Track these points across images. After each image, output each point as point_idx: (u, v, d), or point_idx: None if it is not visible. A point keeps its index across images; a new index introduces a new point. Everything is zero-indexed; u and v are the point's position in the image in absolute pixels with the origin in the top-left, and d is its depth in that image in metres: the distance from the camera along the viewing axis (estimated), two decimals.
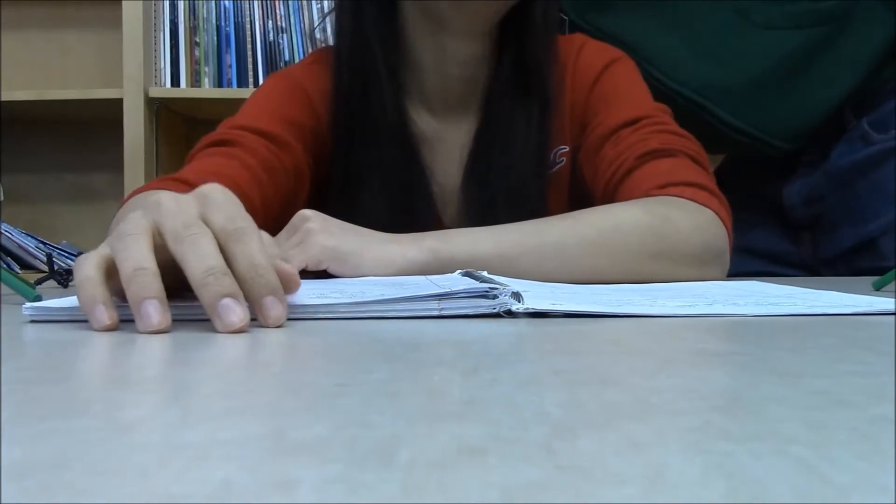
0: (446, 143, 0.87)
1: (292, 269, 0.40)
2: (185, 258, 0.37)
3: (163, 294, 0.36)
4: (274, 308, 0.37)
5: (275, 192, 0.79)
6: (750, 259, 0.96)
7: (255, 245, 0.38)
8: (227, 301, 0.35)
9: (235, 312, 0.35)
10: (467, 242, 0.65)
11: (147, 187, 0.74)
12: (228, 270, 0.37)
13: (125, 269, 0.36)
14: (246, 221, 0.39)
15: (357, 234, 0.65)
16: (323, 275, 0.63)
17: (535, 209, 0.82)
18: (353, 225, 0.67)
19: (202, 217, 0.39)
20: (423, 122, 0.87)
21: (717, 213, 0.73)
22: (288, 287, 0.39)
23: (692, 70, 0.97)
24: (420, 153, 0.86)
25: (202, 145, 0.80)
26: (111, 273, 0.38)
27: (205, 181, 0.43)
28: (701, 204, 0.72)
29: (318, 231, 0.64)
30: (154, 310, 0.35)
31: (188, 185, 0.69)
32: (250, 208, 0.42)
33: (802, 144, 1.01)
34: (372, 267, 0.62)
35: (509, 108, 0.84)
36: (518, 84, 0.84)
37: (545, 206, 0.85)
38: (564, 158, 0.88)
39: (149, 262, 0.36)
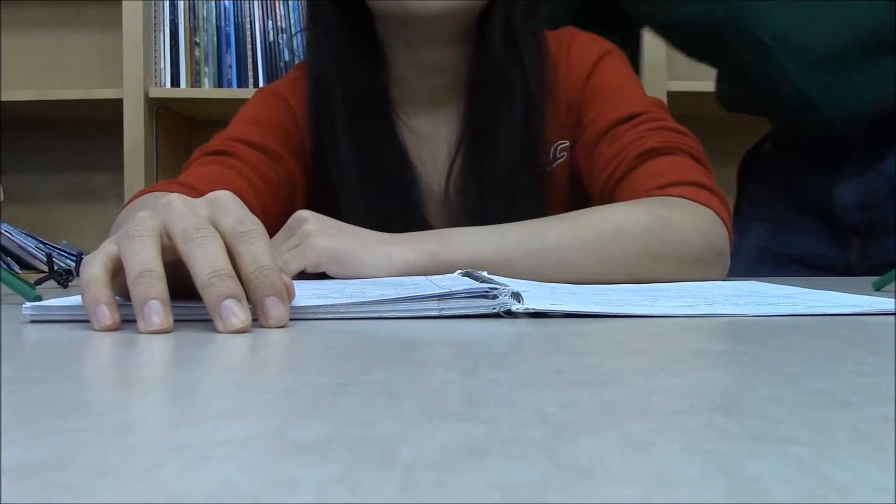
0: (434, 139, 0.87)
1: (289, 279, 0.40)
2: (192, 259, 0.37)
3: (166, 296, 0.36)
4: (275, 309, 0.37)
5: (273, 203, 0.80)
6: (788, 264, 0.88)
7: (262, 246, 0.38)
8: (228, 302, 0.36)
9: (236, 314, 0.35)
10: (468, 245, 0.65)
11: (153, 189, 0.74)
12: (234, 273, 0.37)
13: (132, 271, 0.36)
14: (255, 224, 0.39)
15: (355, 236, 0.65)
16: (321, 277, 0.63)
17: (527, 206, 0.81)
18: (350, 225, 0.67)
19: (211, 220, 0.39)
20: (410, 121, 0.87)
21: (717, 213, 0.73)
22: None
23: (774, 14, 0.87)
24: (407, 151, 0.86)
25: (198, 154, 0.81)
26: (117, 272, 0.38)
27: (209, 187, 0.43)
28: (702, 204, 0.72)
29: (315, 233, 0.63)
30: (156, 311, 0.35)
31: (194, 190, 0.70)
32: None
33: (857, 135, 0.91)
34: (371, 269, 0.62)
35: (490, 106, 0.84)
36: (500, 82, 0.84)
37: (539, 202, 0.85)
38: (565, 153, 0.88)
39: (155, 265, 0.37)
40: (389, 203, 0.84)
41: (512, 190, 0.83)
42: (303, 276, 0.63)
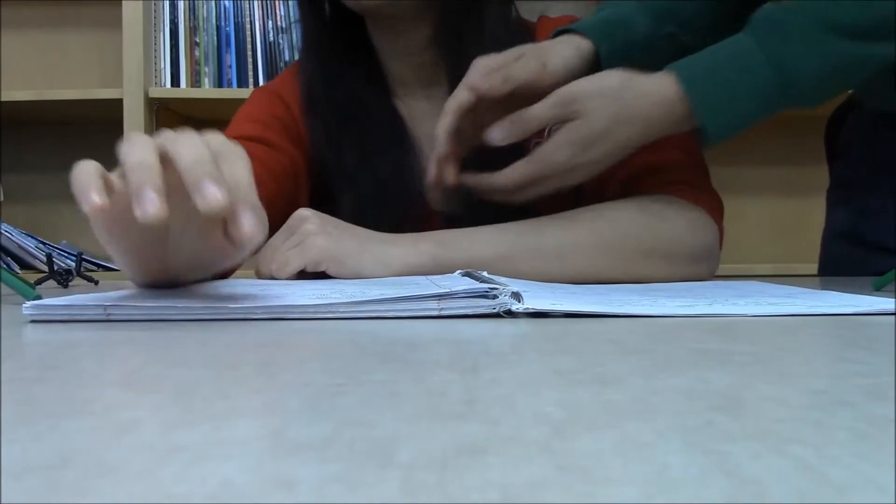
0: (428, 118, 0.87)
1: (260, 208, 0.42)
2: (178, 151, 0.39)
3: (162, 186, 0.36)
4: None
5: (277, 193, 0.80)
6: (880, 256, 0.82)
7: (241, 165, 0.41)
8: (206, 181, 0.38)
9: (214, 191, 0.37)
10: (466, 246, 0.66)
11: None
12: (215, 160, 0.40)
13: (129, 162, 0.37)
14: (236, 149, 0.42)
15: (355, 235, 0.65)
16: (322, 276, 0.63)
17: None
18: (351, 225, 0.67)
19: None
20: (407, 104, 0.88)
21: (710, 212, 0.74)
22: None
23: None
24: (407, 133, 0.86)
25: None
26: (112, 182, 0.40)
27: None
28: (695, 202, 0.73)
29: (316, 232, 0.64)
30: (151, 198, 0.36)
31: None
32: None
33: None
34: (371, 269, 0.63)
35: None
36: (467, 51, 0.83)
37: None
38: None
39: (152, 160, 0.38)
40: (389, 190, 0.84)
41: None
42: (303, 275, 0.63)
